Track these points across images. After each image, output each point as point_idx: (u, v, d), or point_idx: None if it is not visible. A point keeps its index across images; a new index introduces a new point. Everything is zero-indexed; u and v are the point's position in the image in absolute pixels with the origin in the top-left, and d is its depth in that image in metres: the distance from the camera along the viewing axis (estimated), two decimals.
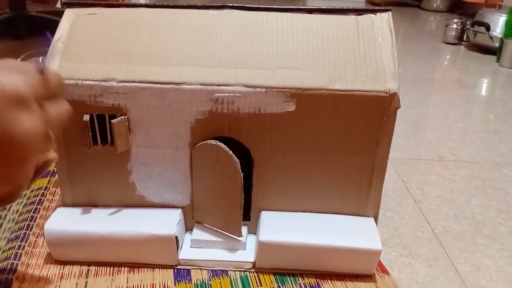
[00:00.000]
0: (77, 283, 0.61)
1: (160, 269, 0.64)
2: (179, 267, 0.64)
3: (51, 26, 0.74)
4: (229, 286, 0.62)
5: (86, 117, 0.61)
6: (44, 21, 1.94)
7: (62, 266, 0.64)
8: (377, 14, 0.64)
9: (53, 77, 0.38)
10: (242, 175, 0.61)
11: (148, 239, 0.62)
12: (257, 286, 0.62)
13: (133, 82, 0.60)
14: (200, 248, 0.66)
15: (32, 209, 0.76)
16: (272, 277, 0.64)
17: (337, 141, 0.62)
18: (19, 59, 1.43)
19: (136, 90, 0.60)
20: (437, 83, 1.69)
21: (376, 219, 0.67)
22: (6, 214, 0.75)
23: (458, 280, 0.67)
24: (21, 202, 0.79)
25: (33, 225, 0.72)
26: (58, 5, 2.44)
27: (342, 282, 0.63)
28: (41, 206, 0.77)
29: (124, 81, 0.60)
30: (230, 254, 0.65)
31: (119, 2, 0.71)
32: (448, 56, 2.13)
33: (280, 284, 0.62)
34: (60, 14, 0.66)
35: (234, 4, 0.65)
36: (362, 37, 0.62)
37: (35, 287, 0.60)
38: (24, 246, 0.67)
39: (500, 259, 0.72)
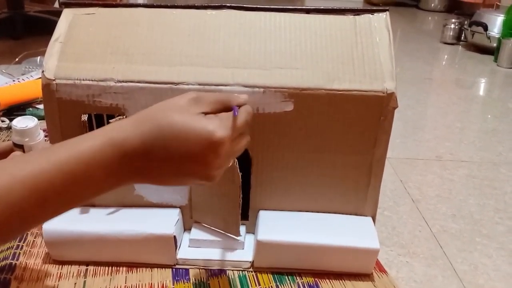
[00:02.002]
0: (75, 283, 0.61)
1: (159, 268, 0.64)
2: (177, 266, 0.65)
3: (49, 26, 0.74)
4: (227, 285, 0.62)
5: (84, 117, 0.61)
6: (42, 21, 1.94)
7: (61, 265, 0.64)
8: (375, 14, 0.64)
9: (243, 117, 0.45)
10: (240, 174, 0.61)
11: (147, 238, 0.62)
12: (256, 285, 0.62)
13: (131, 82, 0.60)
14: (199, 248, 0.66)
15: None
16: (271, 276, 0.64)
17: (335, 140, 0.62)
18: (17, 59, 1.43)
19: (134, 90, 0.60)
20: (435, 83, 1.69)
21: (374, 219, 0.67)
22: None
23: (456, 279, 0.67)
24: None
25: None
26: (56, 4, 2.44)
27: (340, 281, 0.63)
28: None
29: (122, 81, 0.60)
30: (229, 254, 0.65)
31: (117, 2, 0.71)
32: (446, 56, 2.14)
33: (278, 283, 0.62)
34: (58, 14, 0.66)
35: (232, 4, 0.65)
36: (360, 37, 0.63)
37: (34, 287, 0.60)
38: (22, 246, 0.67)
39: (498, 258, 0.72)
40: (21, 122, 0.67)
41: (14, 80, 1.26)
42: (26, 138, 0.67)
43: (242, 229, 0.67)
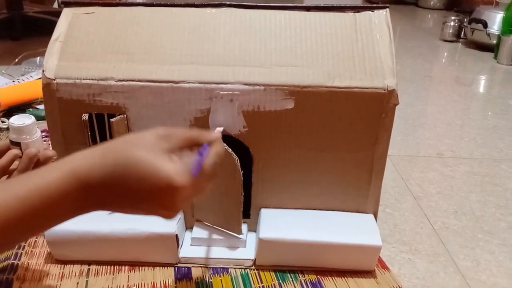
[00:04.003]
0: (77, 282, 0.61)
1: (161, 267, 0.64)
2: (179, 265, 0.65)
3: (48, 26, 0.74)
4: (230, 284, 0.62)
5: (85, 116, 0.61)
6: (41, 22, 1.94)
7: (63, 265, 0.64)
8: (375, 11, 0.64)
9: (211, 162, 0.43)
10: (241, 173, 0.61)
11: (149, 237, 0.62)
12: (258, 283, 0.62)
13: (132, 80, 0.60)
14: (201, 246, 0.66)
15: None
16: (273, 274, 0.64)
17: (336, 137, 0.62)
18: (17, 60, 1.43)
19: (135, 89, 0.60)
20: (435, 81, 1.69)
21: (375, 216, 0.67)
22: None
23: (459, 275, 0.67)
24: None
25: None
26: (55, 5, 2.43)
27: (343, 278, 0.63)
28: None
29: (123, 80, 0.60)
30: (231, 252, 0.65)
31: (117, 1, 0.71)
32: (445, 54, 2.14)
33: (280, 281, 0.62)
34: (57, 14, 0.65)
35: (232, 2, 0.65)
36: (360, 34, 0.62)
37: (36, 287, 0.60)
38: (24, 246, 0.67)
39: (500, 254, 0.72)
40: (18, 120, 0.67)
41: (14, 81, 1.26)
42: (23, 136, 0.67)
43: (244, 227, 0.67)
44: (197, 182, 0.41)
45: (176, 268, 0.64)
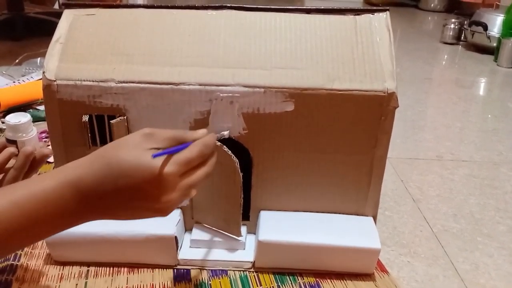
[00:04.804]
0: (76, 284, 0.61)
1: (160, 269, 0.64)
2: (178, 267, 0.65)
3: (49, 27, 0.74)
4: (228, 286, 0.62)
5: (85, 118, 0.61)
6: (42, 22, 1.94)
7: (62, 267, 0.64)
8: (375, 14, 0.64)
9: (196, 150, 0.44)
10: (241, 175, 0.61)
11: (148, 239, 0.62)
12: (257, 285, 0.62)
13: (132, 82, 0.60)
14: (200, 248, 0.66)
15: None
16: (272, 276, 0.64)
17: (335, 140, 0.62)
18: (17, 60, 1.43)
19: (135, 91, 0.60)
20: (435, 83, 1.69)
21: (375, 218, 0.67)
22: None
23: (457, 278, 0.67)
24: None
25: None
26: (56, 6, 2.44)
27: (342, 281, 0.63)
28: None
29: (123, 82, 0.60)
30: (230, 254, 0.65)
31: (117, 3, 0.71)
32: (446, 56, 2.14)
33: (279, 284, 0.62)
34: (57, 15, 0.66)
35: (233, 5, 0.65)
36: (360, 36, 0.63)
37: None
38: None
39: (499, 257, 0.72)
40: (14, 118, 0.67)
41: (14, 82, 1.26)
42: (19, 134, 0.67)
43: (243, 229, 0.67)
44: (182, 171, 0.42)
45: (175, 270, 0.64)
